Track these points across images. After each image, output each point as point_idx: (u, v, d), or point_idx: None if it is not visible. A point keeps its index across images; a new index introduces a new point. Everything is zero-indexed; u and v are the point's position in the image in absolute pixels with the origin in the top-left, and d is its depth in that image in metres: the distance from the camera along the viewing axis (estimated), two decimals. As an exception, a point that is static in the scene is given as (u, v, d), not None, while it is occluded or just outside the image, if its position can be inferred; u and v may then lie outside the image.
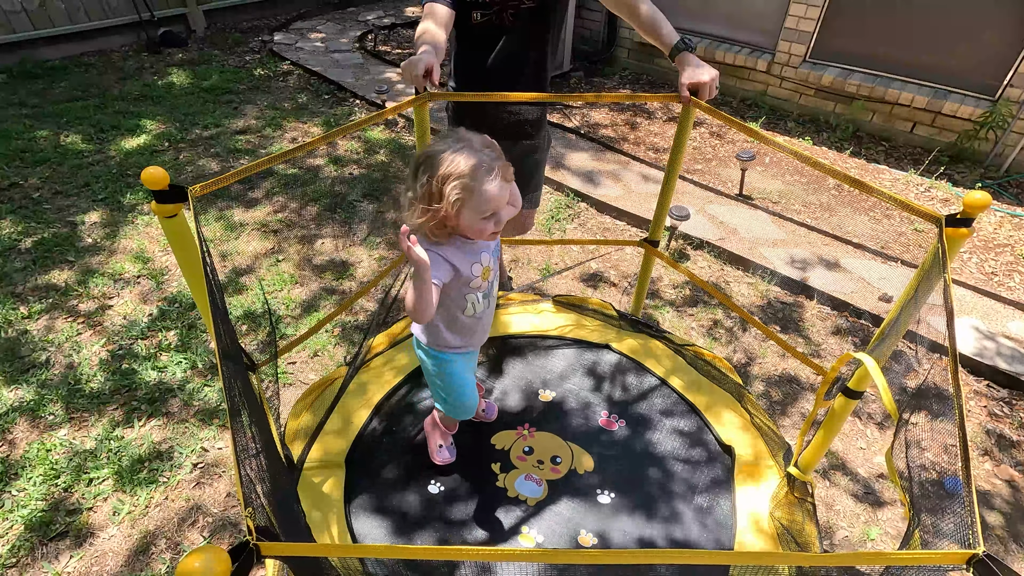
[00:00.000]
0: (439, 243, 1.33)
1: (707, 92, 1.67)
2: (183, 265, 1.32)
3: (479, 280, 1.43)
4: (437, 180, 1.21)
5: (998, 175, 3.96)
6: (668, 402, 2.11)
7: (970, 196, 1.15)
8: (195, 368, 2.42)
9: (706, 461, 1.92)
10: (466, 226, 1.29)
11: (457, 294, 1.44)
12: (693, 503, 1.80)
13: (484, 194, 1.23)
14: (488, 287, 1.50)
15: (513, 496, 1.79)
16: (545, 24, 1.88)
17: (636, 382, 2.18)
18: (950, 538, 0.78)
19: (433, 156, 1.23)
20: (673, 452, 1.95)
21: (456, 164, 1.20)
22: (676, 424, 2.04)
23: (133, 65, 5.29)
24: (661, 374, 2.20)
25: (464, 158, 1.21)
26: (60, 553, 1.82)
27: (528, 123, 2.07)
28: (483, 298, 1.50)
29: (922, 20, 3.95)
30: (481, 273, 1.42)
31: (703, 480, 1.86)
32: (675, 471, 1.89)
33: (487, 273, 1.45)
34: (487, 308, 1.55)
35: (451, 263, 1.34)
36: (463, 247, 1.37)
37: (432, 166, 1.22)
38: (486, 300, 1.52)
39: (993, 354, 2.59)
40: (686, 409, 2.08)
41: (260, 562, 0.68)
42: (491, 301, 1.57)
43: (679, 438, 1.99)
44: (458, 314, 1.48)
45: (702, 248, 3.25)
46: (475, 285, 1.43)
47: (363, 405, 2.03)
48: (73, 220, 3.24)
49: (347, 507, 1.73)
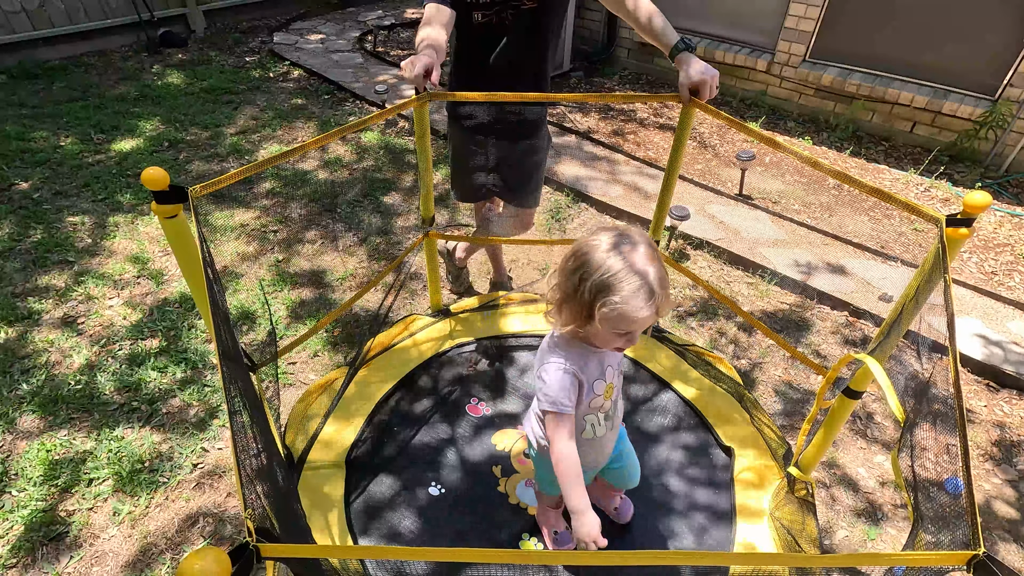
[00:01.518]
0: (567, 346, 1.22)
1: (707, 92, 1.67)
2: (183, 265, 1.32)
3: (600, 399, 1.29)
4: (590, 289, 1.09)
5: (998, 175, 3.96)
6: (668, 403, 2.11)
7: (970, 196, 1.15)
8: (195, 368, 2.42)
9: (706, 461, 1.92)
10: (596, 335, 1.16)
11: (577, 415, 1.29)
12: (693, 504, 1.80)
13: (636, 322, 1.09)
14: (611, 407, 1.35)
15: (514, 503, 1.79)
16: (545, 24, 1.88)
17: (636, 383, 2.18)
18: (950, 539, 0.78)
19: (595, 261, 1.09)
20: (673, 453, 1.95)
21: (618, 283, 1.06)
22: (676, 425, 2.04)
23: (133, 65, 5.28)
24: (661, 375, 2.20)
25: (629, 279, 1.06)
26: (60, 553, 1.82)
27: (528, 123, 2.07)
28: (604, 420, 1.35)
29: (922, 20, 3.95)
30: (604, 391, 1.29)
31: (703, 480, 1.86)
32: (675, 472, 1.89)
33: (610, 391, 1.31)
34: (609, 430, 1.39)
35: (578, 379, 1.22)
36: (589, 357, 1.24)
37: (590, 270, 1.09)
38: (608, 422, 1.37)
39: (993, 354, 2.59)
40: (686, 410, 2.08)
41: (260, 563, 0.68)
42: (614, 422, 1.40)
43: (679, 439, 1.99)
44: (577, 436, 1.32)
45: (702, 248, 3.25)
46: (595, 405, 1.30)
47: (363, 405, 2.03)
48: (73, 220, 3.24)
49: (347, 507, 1.73)
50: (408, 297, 2.86)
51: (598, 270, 1.08)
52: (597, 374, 1.26)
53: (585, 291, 1.09)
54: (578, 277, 1.11)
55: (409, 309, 2.78)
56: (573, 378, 1.22)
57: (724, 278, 3.08)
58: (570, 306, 1.14)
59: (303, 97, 4.87)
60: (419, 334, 2.35)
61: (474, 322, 2.42)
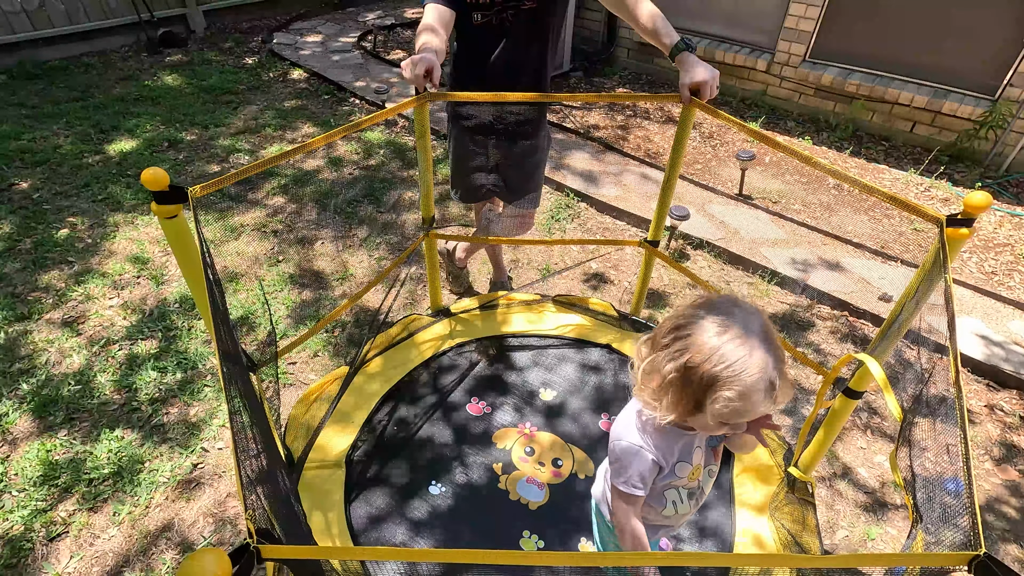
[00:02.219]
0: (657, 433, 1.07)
1: (707, 92, 1.67)
2: (183, 265, 1.32)
3: (684, 480, 1.14)
4: (702, 379, 0.91)
5: (998, 175, 3.96)
6: (668, 402, 2.11)
7: (971, 197, 1.15)
8: (195, 368, 2.42)
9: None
10: (699, 423, 1.00)
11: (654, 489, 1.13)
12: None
13: (748, 414, 0.92)
14: (696, 487, 1.18)
15: (515, 499, 1.78)
16: (545, 24, 1.88)
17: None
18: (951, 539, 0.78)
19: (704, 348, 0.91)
20: (673, 452, 1.94)
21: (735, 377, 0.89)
22: (676, 424, 2.04)
23: (133, 65, 5.28)
24: (661, 374, 2.20)
25: (747, 372, 0.89)
26: (60, 553, 1.82)
27: (528, 123, 2.07)
28: (688, 498, 1.17)
29: (922, 20, 3.95)
30: (687, 474, 1.13)
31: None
32: (675, 471, 1.89)
33: (696, 473, 1.14)
34: (693, 508, 1.21)
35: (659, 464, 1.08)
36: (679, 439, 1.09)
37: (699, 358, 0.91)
38: (692, 501, 1.18)
39: (993, 354, 2.59)
40: (686, 409, 2.08)
41: (261, 564, 0.68)
42: (698, 501, 1.21)
43: (679, 438, 1.99)
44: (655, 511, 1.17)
45: (702, 248, 3.25)
46: (678, 482, 1.14)
47: (363, 405, 2.03)
48: (73, 220, 3.24)
49: (347, 507, 1.73)
50: (408, 297, 2.86)
51: (709, 360, 0.90)
52: (682, 456, 1.10)
53: (693, 382, 0.92)
54: (683, 363, 0.92)
55: (409, 309, 2.78)
56: (654, 465, 1.07)
57: (724, 278, 3.07)
58: (674, 393, 0.96)
59: (303, 97, 4.87)
60: (419, 334, 2.35)
61: (474, 322, 2.42)
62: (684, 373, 0.93)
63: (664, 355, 0.96)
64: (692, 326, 0.94)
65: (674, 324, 0.97)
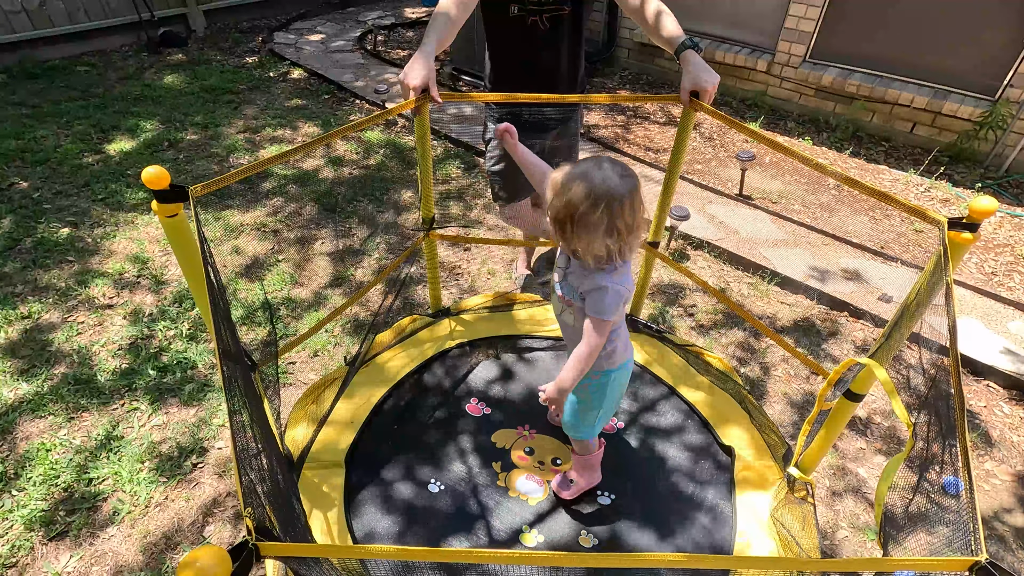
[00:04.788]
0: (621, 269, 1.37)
1: (708, 96, 1.67)
2: (183, 265, 1.32)
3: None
4: (625, 203, 1.25)
5: (998, 175, 3.96)
6: (668, 403, 2.11)
7: (976, 202, 1.14)
8: (195, 368, 2.42)
9: (706, 462, 1.92)
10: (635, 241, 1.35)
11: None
12: (693, 504, 1.80)
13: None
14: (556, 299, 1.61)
15: (514, 495, 1.79)
16: (578, 26, 1.95)
17: (636, 383, 2.18)
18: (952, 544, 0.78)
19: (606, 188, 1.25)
20: (673, 453, 1.95)
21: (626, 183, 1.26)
22: (676, 425, 2.04)
23: (133, 65, 5.28)
24: (661, 375, 2.20)
25: (616, 177, 1.26)
26: (60, 553, 1.82)
27: (558, 121, 2.17)
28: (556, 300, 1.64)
29: (922, 20, 3.95)
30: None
31: (703, 481, 1.86)
32: (675, 472, 1.89)
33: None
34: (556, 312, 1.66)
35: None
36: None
37: (609, 194, 1.25)
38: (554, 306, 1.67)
39: (993, 355, 2.59)
40: (686, 410, 2.08)
41: (260, 562, 0.68)
42: (558, 314, 1.68)
43: (679, 439, 1.99)
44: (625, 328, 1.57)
45: (702, 248, 3.25)
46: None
47: (363, 405, 2.03)
48: (73, 220, 3.24)
49: (347, 507, 1.73)
50: (408, 297, 2.86)
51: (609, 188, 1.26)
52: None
53: (627, 214, 1.28)
54: (605, 204, 1.25)
55: (409, 309, 2.78)
56: (624, 290, 1.41)
57: (724, 278, 3.07)
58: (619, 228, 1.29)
59: (303, 97, 4.87)
60: (419, 334, 2.35)
61: (474, 322, 2.42)
62: (623, 206, 1.27)
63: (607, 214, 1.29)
64: (603, 182, 1.27)
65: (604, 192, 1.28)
